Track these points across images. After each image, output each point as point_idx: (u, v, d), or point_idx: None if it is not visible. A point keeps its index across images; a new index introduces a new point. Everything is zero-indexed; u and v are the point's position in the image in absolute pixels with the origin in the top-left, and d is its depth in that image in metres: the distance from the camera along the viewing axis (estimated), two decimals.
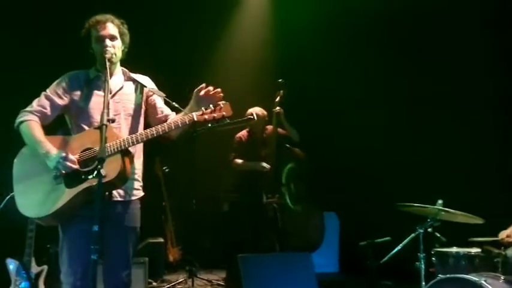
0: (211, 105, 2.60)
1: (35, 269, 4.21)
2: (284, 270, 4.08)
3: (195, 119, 2.58)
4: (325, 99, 6.03)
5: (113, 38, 2.76)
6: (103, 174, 2.34)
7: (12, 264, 4.20)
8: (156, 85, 2.93)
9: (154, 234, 5.55)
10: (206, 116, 2.58)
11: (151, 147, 2.81)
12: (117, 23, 2.80)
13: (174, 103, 2.83)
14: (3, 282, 4.10)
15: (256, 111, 4.88)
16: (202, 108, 2.60)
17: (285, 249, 4.63)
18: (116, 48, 2.76)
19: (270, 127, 5.10)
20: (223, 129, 2.79)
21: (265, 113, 5.05)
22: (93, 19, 2.78)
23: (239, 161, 5.05)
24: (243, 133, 5.13)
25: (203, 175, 6.19)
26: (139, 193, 2.82)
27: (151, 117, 2.91)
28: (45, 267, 4.26)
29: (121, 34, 2.80)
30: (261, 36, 6.57)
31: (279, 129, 5.03)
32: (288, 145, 5.06)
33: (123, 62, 2.91)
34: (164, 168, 5.95)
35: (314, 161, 5.21)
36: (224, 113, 2.59)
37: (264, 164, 4.95)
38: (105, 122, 2.45)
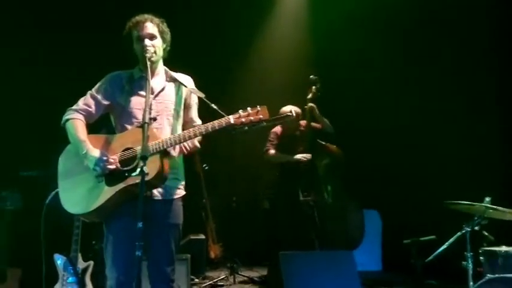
0: (248, 108, 2.60)
1: (81, 264, 4.31)
2: (326, 268, 4.03)
3: (232, 121, 2.58)
4: (364, 96, 5.94)
5: (152, 37, 2.79)
6: (145, 172, 2.38)
7: (59, 260, 4.32)
8: (195, 84, 2.95)
9: (196, 231, 5.61)
10: (243, 119, 2.58)
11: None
12: (156, 22, 2.82)
13: (212, 105, 2.85)
14: (52, 276, 4.23)
15: (289, 109, 4.87)
16: (240, 111, 2.61)
17: (324, 247, 4.57)
18: (156, 47, 2.78)
19: (303, 123, 5.06)
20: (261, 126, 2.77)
21: (298, 110, 5.01)
22: (133, 20, 2.82)
23: (273, 151, 5.02)
24: (278, 128, 5.11)
25: (243, 172, 6.22)
26: (181, 192, 2.85)
27: (185, 118, 2.94)
28: (91, 262, 4.36)
29: (161, 32, 2.82)
30: (296, 34, 6.53)
31: (313, 123, 4.98)
32: (322, 141, 4.99)
33: (166, 62, 2.94)
34: (204, 165, 6.00)
35: (356, 158, 5.15)
36: (261, 116, 2.58)
37: (299, 156, 4.89)
38: (147, 120, 2.48)
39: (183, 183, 2.87)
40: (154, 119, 2.67)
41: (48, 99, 5.14)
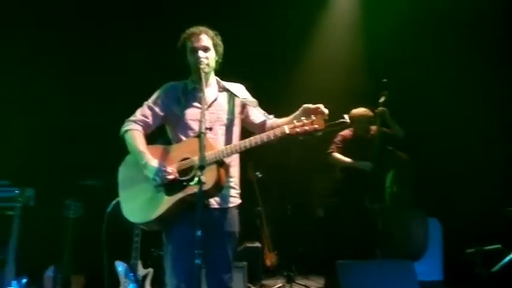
0: (303, 118, 2.60)
1: (141, 271, 4.42)
2: (385, 277, 3.93)
3: (287, 132, 2.60)
4: (420, 99, 5.78)
5: (206, 49, 2.84)
6: (203, 181, 2.42)
7: (120, 267, 4.44)
8: (247, 90, 2.97)
9: (251, 238, 5.61)
10: (298, 129, 2.59)
11: (243, 152, 2.84)
12: (210, 35, 2.87)
13: (264, 113, 2.87)
14: (113, 283, 4.35)
15: (359, 112, 4.81)
16: (294, 121, 2.61)
17: (386, 257, 4.45)
18: (209, 59, 2.83)
19: (374, 127, 4.95)
20: None
21: (370, 113, 4.90)
22: (188, 31, 2.88)
23: (338, 155, 4.93)
24: (347, 132, 5.02)
25: (297, 180, 6.18)
26: (237, 200, 2.87)
27: (249, 126, 2.98)
28: (151, 270, 4.46)
29: (215, 45, 2.87)
30: (349, 36, 6.44)
31: (383, 128, 4.86)
32: (391, 147, 4.87)
33: (217, 72, 2.98)
34: (257, 173, 6.01)
35: (415, 164, 5.00)
36: (316, 126, 2.58)
37: (365, 163, 4.79)
38: (203, 130, 2.53)
39: (239, 191, 2.90)
40: (210, 129, 2.73)
41: (108, 110, 5.33)
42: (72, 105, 5.61)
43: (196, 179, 2.48)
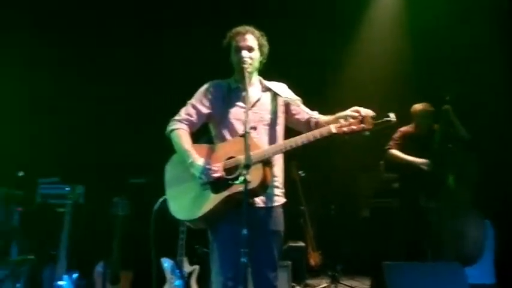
0: (349, 117, 2.57)
1: (187, 268, 4.48)
2: (434, 280, 3.82)
3: (334, 131, 2.57)
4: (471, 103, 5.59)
5: (250, 49, 2.84)
6: (248, 180, 2.43)
7: (167, 263, 4.52)
8: (290, 88, 2.96)
9: (295, 238, 5.59)
10: (345, 129, 2.56)
11: (287, 151, 2.82)
12: (256, 35, 2.87)
13: (308, 111, 2.86)
14: (160, 279, 4.43)
15: (421, 106, 4.70)
16: (341, 120, 2.58)
17: (437, 260, 4.32)
18: (253, 59, 2.83)
19: (436, 125, 4.80)
20: None
21: (431, 108, 4.77)
22: (234, 30, 2.89)
23: (397, 152, 4.80)
24: (407, 128, 4.89)
25: (341, 179, 6.11)
26: (281, 199, 2.86)
27: (293, 124, 2.96)
28: (197, 267, 4.51)
29: (260, 46, 2.87)
30: (393, 35, 6.31)
31: (447, 127, 4.72)
32: (453, 146, 4.72)
33: (261, 72, 2.97)
34: (300, 172, 5.98)
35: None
36: (363, 125, 2.55)
37: (424, 161, 4.66)
38: (247, 130, 2.53)
39: (283, 190, 2.89)
40: (255, 128, 2.72)
41: (154, 109, 5.44)
42: (121, 104, 5.74)
43: (241, 178, 2.49)
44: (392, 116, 2.63)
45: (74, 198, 4.76)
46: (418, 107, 4.76)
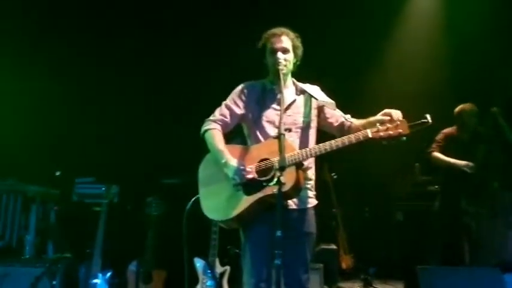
0: (386, 122, 2.55)
1: (219, 268, 4.50)
2: (470, 286, 3.74)
3: (370, 136, 2.56)
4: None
5: (285, 51, 2.83)
6: (282, 182, 2.41)
7: (199, 263, 4.55)
8: (324, 91, 2.93)
9: (327, 240, 5.55)
10: (381, 133, 2.54)
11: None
12: (291, 37, 2.86)
13: (342, 114, 2.84)
14: (192, 279, 4.46)
15: (465, 107, 4.61)
16: (377, 125, 2.56)
17: (474, 264, 4.21)
18: (287, 61, 2.83)
19: (481, 128, 4.69)
20: None
21: (475, 108, 4.66)
22: (269, 32, 2.88)
23: (439, 155, 4.70)
24: (450, 129, 4.79)
25: (374, 182, 6.03)
26: (313, 201, 2.85)
27: (327, 128, 2.94)
28: (228, 267, 4.53)
29: (294, 48, 2.86)
30: (430, 35, 6.20)
31: (494, 130, 4.62)
32: (499, 149, 4.59)
33: (294, 74, 2.96)
34: (332, 174, 5.94)
35: None
36: (400, 130, 2.52)
37: (467, 164, 4.54)
38: (282, 131, 2.52)
39: (315, 193, 2.88)
40: (289, 130, 2.71)
41: (188, 109, 5.50)
42: (156, 105, 5.82)
43: (275, 179, 2.48)
44: (428, 118, 2.58)
45: (109, 197, 4.85)
46: (465, 106, 4.65)
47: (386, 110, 2.62)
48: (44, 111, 5.87)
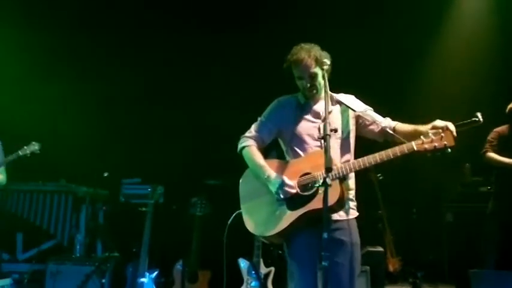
0: (431, 134, 2.47)
1: (263, 269, 4.50)
2: None
3: (415, 148, 2.49)
4: None
5: (311, 76, 2.77)
6: (329, 184, 2.38)
7: (243, 263, 4.56)
8: (361, 97, 2.89)
9: (373, 243, 5.44)
10: (426, 146, 2.47)
11: (360, 155, 2.75)
12: (313, 56, 2.76)
13: (381, 121, 2.77)
14: (237, 280, 4.48)
15: None
16: (422, 137, 2.49)
17: None
18: (314, 86, 2.79)
19: None
20: None
21: None
22: (292, 57, 2.80)
23: (493, 154, 4.52)
24: (502, 128, 4.61)
25: (422, 182, 5.88)
26: (355, 213, 2.80)
27: (368, 134, 2.88)
28: (272, 268, 4.52)
29: (320, 64, 2.75)
30: (477, 37, 5.98)
31: None
32: None
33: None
34: (378, 175, 5.82)
35: None
36: (446, 142, 2.45)
37: None
38: (328, 131, 2.48)
39: (356, 203, 2.83)
40: (336, 131, 2.64)
41: (233, 113, 5.53)
42: (201, 107, 5.89)
43: (321, 181, 2.48)
44: (479, 116, 2.52)
45: (154, 198, 4.93)
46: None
47: (435, 123, 2.54)
48: (92, 115, 6.05)
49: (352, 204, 2.79)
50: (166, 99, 6.01)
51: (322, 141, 2.55)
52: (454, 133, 2.47)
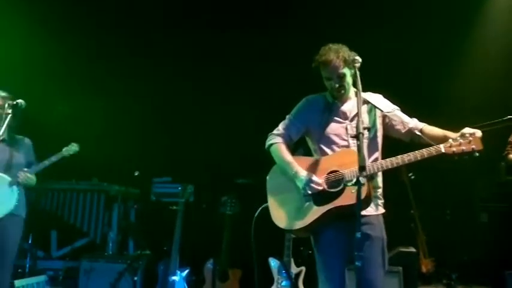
0: (459, 138, 2.50)
1: (294, 269, 4.48)
2: None
3: (443, 151, 2.52)
4: None
5: (339, 77, 2.79)
6: (362, 183, 2.38)
7: (273, 263, 4.55)
8: (390, 97, 2.86)
9: (405, 243, 5.35)
10: (454, 149, 2.50)
11: (391, 155, 2.72)
12: (342, 57, 2.76)
13: (408, 121, 2.79)
14: (268, 278, 4.47)
15: None
16: (450, 140, 2.52)
17: None
18: (343, 86, 2.80)
19: None
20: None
21: None
22: (320, 58, 2.81)
23: None
24: None
25: (456, 181, 5.75)
26: (381, 209, 2.81)
27: (395, 134, 2.88)
28: (303, 268, 4.49)
29: (348, 64, 2.76)
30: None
31: None
32: None
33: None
34: (410, 174, 5.72)
35: None
36: (474, 146, 2.48)
37: None
38: (361, 130, 2.49)
39: (382, 201, 2.83)
40: (368, 129, 2.67)
41: (261, 113, 5.53)
42: (231, 108, 5.90)
43: (354, 179, 2.49)
44: None
45: (185, 197, 4.97)
46: None
47: (464, 131, 2.54)
48: (123, 116, 6.13)
49: (379, 201, 2.81)
50: (196, 99, 6.04)
51: (354, 139, 2.57)
52: (478, 135, 2.50)
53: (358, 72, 2.68)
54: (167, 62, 6.12)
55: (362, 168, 2.39)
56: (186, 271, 4.76)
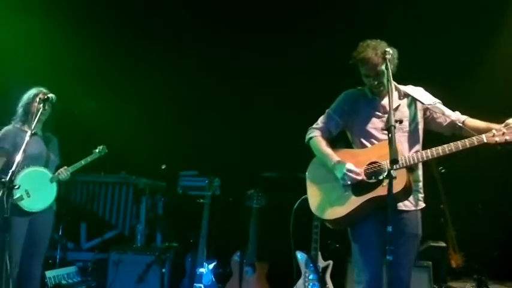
0: (502, 128, 2.47)
1: (321, 263, 4.45)
2: None
3: (485, 140, 2.49)
4: None
5: (377, 74, 2.77)
6: (394, 176, 2.39)
7: (301, 257, 4.53)
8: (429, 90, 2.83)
9: (435, 238, 5.26)
10: (497, 139, 2.47)
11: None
12: (379, 53, 2.72)
13: (450, 114, 2.74)
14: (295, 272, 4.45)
15: None
16: (493, 130, 2.48)
17: None
18: (382, 83, 2.79)
19: None
20: None
21: None
22: (358, 55, 2.78)
23: None
24: None
25: (488, 175, 5.61)
26: (421, 204, 2.80)
27: (436, 128, 2.85)
28: (331, 262, 4.46)
29: (386, 61, 2.70)
30: None
31: None
32: None
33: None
34: (440, 168, 5.60)
35: None
36: None
37: None
38: (392, 123, 2.48)
39: (423, 195, 2.82)
40: (401, 122, 2.66)
41: (289, 106, 5.49)
42: (258, 102, 5.88)
43: (386, 172, 2.52)
44: None
45: (212, 190, 5.00)
46: None
47: (509, 121, 2.50)
48: (151, 110, 6.17)
49: (420, 195, 2.79)
50: (224, 93, 6.03)
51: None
52: None
53: (389, 64, 2.65)
54: (195, 57, 6.14)
55: (394, 161, 2.39)
56: (213, 263, 4.78)
